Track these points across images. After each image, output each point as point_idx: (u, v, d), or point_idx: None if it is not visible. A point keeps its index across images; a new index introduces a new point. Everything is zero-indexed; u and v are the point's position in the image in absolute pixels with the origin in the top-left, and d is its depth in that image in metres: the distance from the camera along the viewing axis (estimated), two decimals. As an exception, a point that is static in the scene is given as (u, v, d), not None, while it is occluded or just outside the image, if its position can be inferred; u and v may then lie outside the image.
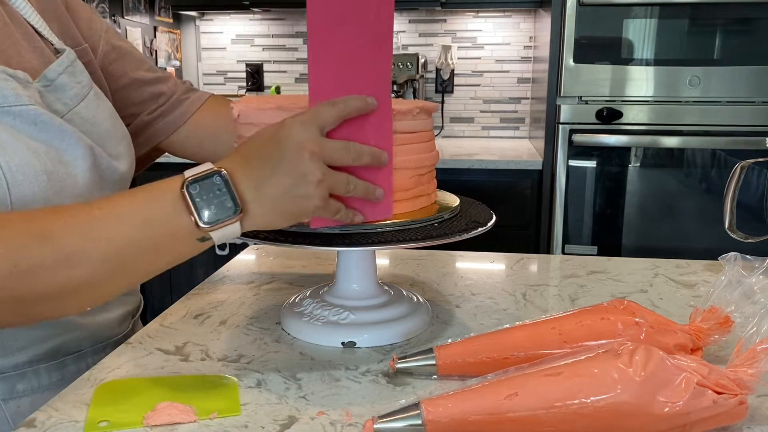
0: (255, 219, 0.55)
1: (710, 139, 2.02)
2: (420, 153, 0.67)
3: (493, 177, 2.16)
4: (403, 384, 0.61)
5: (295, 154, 0.54)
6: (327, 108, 0.57)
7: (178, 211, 0.54)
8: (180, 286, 2.38)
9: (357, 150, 0.58)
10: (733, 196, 0.87)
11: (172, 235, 0.54)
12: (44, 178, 0.61)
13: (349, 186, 0.58)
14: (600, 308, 0.63)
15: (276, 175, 0.54)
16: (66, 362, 0.71)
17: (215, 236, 0.55)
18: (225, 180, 0.54)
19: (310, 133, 0.55)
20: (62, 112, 0.67)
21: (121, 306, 0.79)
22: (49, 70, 0.67)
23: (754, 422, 0.53)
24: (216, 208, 0.54)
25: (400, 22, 2.77)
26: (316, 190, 0.55)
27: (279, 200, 0.55)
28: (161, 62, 2.69)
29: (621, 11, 1.99)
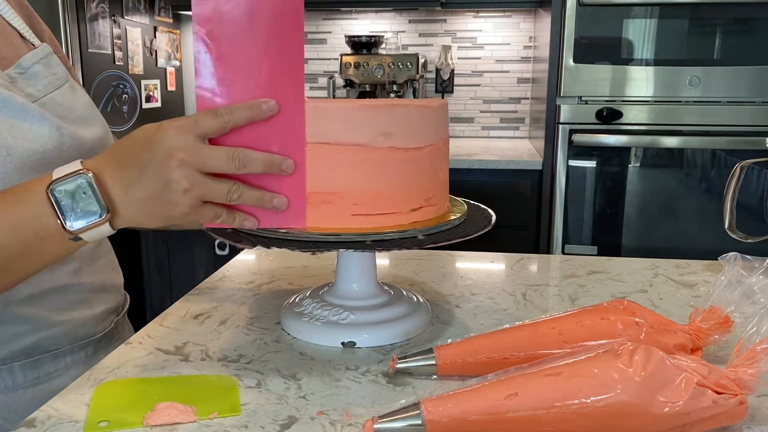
0: (125, 219, 0.56)
1: (710, 139, 2.02)
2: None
3: (493, 177, 2.16)
4: (403, 384, 0.61)
5: (163, 161, 0.53)
6: (209, 117, 0.55)
7: (45, 214, 0.54)
8: (180, 286, 2.38)
9: (244, 158, 0.55)
10: (733, 196, 0.87)
11: (41, 238, 0.55)
12: (3, 153, 0.61)
13: (232, 195, 0.56)
14: (600, 308, 0.63)
15: (143, 179, 0.54)
16: (42, 360, 0.70)
17: (86, 237, 0.55)
18: (90, 183, 0.54)
19: (184, 141, 0.53)
20: (36, 96, 0.68)
21: (101, 303, 0.77)
22: (23, 59, 0.69)
23: (754, 422, 0.53)
24: (82, 212, 0.54)
25: (400, 22, 2.77)
26: (182, 198, 0.54)
27: (146, 203, 0.55)
28: (161, 62, 2.69)
29: (621, 11, 1.99)
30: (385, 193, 0.64)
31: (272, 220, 0.61)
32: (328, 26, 2.81)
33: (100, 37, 2.26)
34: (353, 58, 2.52)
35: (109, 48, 2.32)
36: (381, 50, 2.64)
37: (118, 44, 2.37)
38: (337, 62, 2.65)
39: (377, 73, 2.49)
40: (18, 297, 0.67)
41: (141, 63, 2.53)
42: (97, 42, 2.24)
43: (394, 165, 0.64)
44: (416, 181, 0.66)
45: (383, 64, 2.49)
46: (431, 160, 0.67)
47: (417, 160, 0.65)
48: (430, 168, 0.67)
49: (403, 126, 0.63)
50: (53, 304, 0.70)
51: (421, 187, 0.66)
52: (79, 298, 0.74)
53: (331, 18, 2.80)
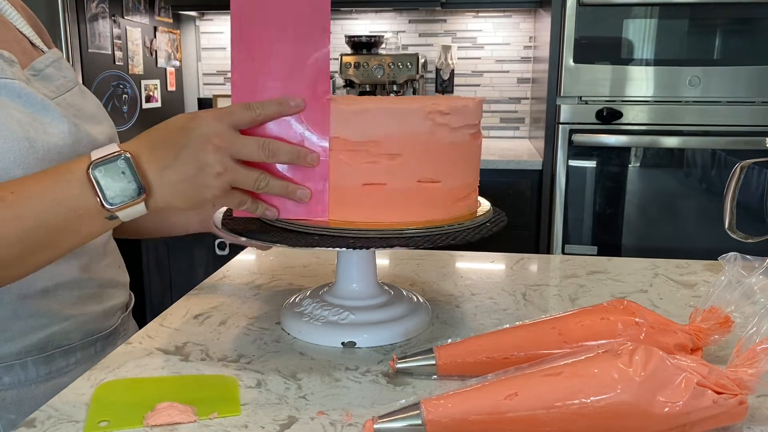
0: (159, 199, 0.59)
1: (710, 139, 2.02)
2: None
3: (493, 177, 2.16)
4: (403, 384, 0.61)
5: (199, 145, 0.57)
6: (242, 109, 0.59)
7: (85, 192, 0.57)
8: (180, 286, 2.38)
9: (273, 147, 0.59)
10: (733, 196, 0.87)
11: (80, 215, 0.57)
12: (26, 145, 0.64)
13: (260, 183, 0.60)
14: (600, 308, 0.63)
15: (179, 162, 0.57)
16: (54, 356, 0.71)
17: (122, 215, 0.58)
18: (129, 163, 0.57)
19: (219, 128, 0.57)
20: (50, 96, 0.71)
21: (109, 299, 0.79)
22: (37, 62, 0.72)
23: (754, 422, 0.53)
24: (121, 190, 0.57)
25: (400, 22, 2.77)
26: (214, 181, 0.57)
27: (180, 185, 0.58)
28: (161, 62, 2.69)
29: (621, 11, 1.99)
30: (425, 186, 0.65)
31: (294, 212, 0.64)
32: (328, 26, 2.80)
33: (100, 37, 2.26)
34: (353, 58, 2.52)
35: (109, 48, 2.32)
36: (381, 50, 2.64)
37: (118, 44, 2.37)
38: (337, 62, 2.65)
39: (377, 73, 2.49)
40: (33, 290, 0.69)
41: (141, 63, 2.53)
42: (97, 42, 2.24)
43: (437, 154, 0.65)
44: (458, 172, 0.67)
45: (383, 64, 2.49)
46: (467, 152, 0.68)
47: (456, 149, 0.66)
48: (466, 161, 0.69)
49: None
50: (65, 298, 0.72)
51: (462, 180, 0.68)
52: (90, 293, 0.75)
53: (331, 18, 2.79)
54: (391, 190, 0.64)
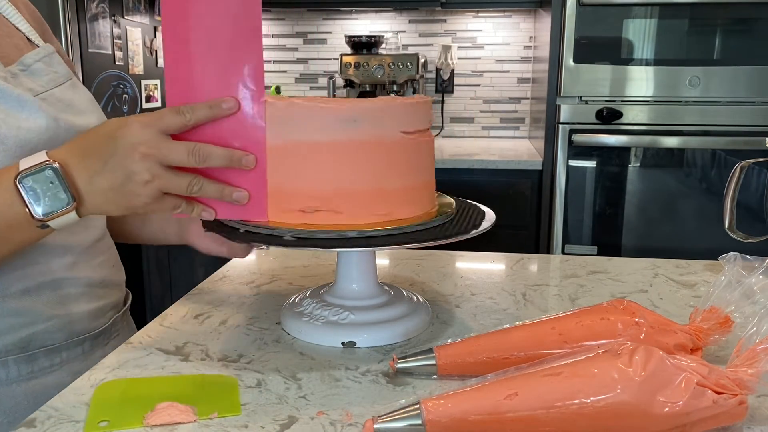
0: (90, 207, 0.59)
1: (710, 139, 2.02)
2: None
3: (493, 177, 2.16)
4: (403, 384, 0.61)
5: (126, 153, 0.56)
6: (172, 114, 0.58)
7: (14, 202, 0.57)
8: (180, 286, 2.38)
9: (204, 152, 0.58)
10: (733, 196, 0.87)
11: (10, 225, 0.58)
12: None
13: (192, 187, 0.59)
14: (600, 308, 0.63)
15: (107, 170, 0.57)
16: (37, 355, 0.70)
17: (53, 224, 0.58)
18: (57, 173, 0.57)
19: (147, 135, 0.57)
20: (37, 91, 0.70)
21: (98, 299, 0.77)
22: (26, 56, 0.71)
23: (754, 422, 0.53)
24: (50, 200, 0.57)
25: (400, 22, 2.77)
26: (143, 189, 0.57)
27: (109, 193, 0.58)
28: (161, 62, 2.69)
29: (621, 11, 1.99)
30: (360, 190, 0.64)
31: (232, 212, 0.64)
32: (328, 26, 2.81)
33: (101, 37, 2.26)
34: (353, 58, 2.52)
35: (109, 48, 2.32)
36: (381, 50, 2.64)
37: (118, 44, 2.37)
38: (337, 62, 2.65)
39: (377, 73, 2.49)
40: (12, 290, 0.67)
41: (141, 63, 2.53)
42: (98, 42, 2.24)
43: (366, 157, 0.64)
44: (391, 175, 0.65)
45: (383, 64, 2.49)
46: (405, 153, 0.67)
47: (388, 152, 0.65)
48: (406, 162, 0.67)
49: (368, 115, 0.64)
50: (48, 298, 0.71)
51: (398, 183, 0.66)
52: (76, 293, 0.74)
53: (331, 18, 2.80)
54: (333, 188, 0.63)
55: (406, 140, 0.65)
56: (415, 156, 0.67)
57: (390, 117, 0.64)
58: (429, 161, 0.70)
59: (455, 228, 0.66)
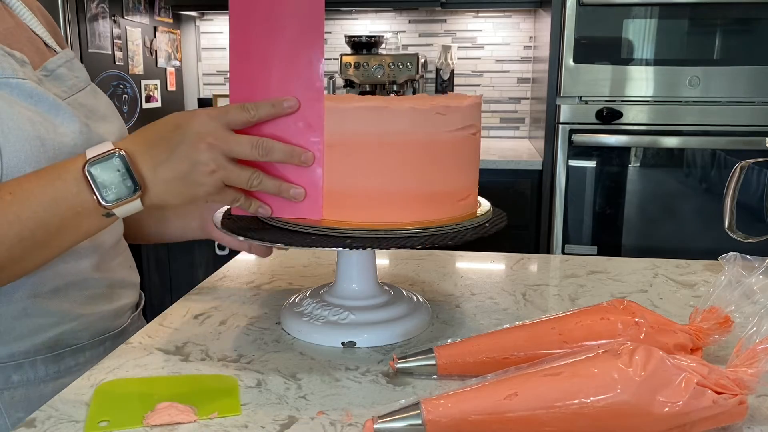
0: (153, 197, 0.59)
1: (710, 139, 2.02)
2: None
3: (493, 177, 2.16)
4: (403, 384, 0.61)
5: (192, 143, 0.57)
6: (237, 110, 0.60)
7: (82, 190, 0.58)
8: (180, 286, 2.38)
9: (267, 146, 0.60)
10: (733, 196, 0.87)
11: (78, 213, 0.58)
12: (38, 143, 0.64)
13: (252, 181, 0.61)
14: (600, 308, 0.63)
15: (172, 160, 0.58)
16: (63, 355, 0.71)
17: (118, 212, 0.59)
18: (124, 161, 0.57)
19: (213, 126, 0.58)
20: (62, 96, 0.71)
21: (119, 298, 0.79)
22: (49, 62, 0.72)
23: (754, 422, 0.53)
24: (117, 188, 0.58)
25: (400, 22, 2.77)
26: (207, 179, 0.58)
27: (173, 182, 0.59)
28: (161, 62, 2.69)
29: (621, 11, 1.99)
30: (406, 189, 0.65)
31: (288, 210, 0.65)
32: (328, 26, 2.81)
33: (100, 37, 2.26)
34: (353, 58, 2.52)
35: (109, 48, 2.32)
36: (381, 50, 2.64)
37: (118, 44, 2.37)
38: (337, 62, 2.65)
39: (377, 73, 2.49)
40: (44, 289, 0.69)
41: (141, 63, 2.53)
42: (97, 42, 2.24)
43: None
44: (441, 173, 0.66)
45: (383, 64, 2.49)
46: (464, 152, 0.68)
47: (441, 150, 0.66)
48: (464, 161, 0.68)
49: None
50: (76, 298, 0.72)
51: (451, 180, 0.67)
52: (100, 293, 0.75)
53: (331, 18, 2.80)
54: (387, 189, 0.64)
55: (457, 139, 0.66)
56: (455, 156, 0.68)
57: (459, 117, 0.66)
58: (465, 161, 0.70)
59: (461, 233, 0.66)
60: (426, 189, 0.65)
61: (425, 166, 0.65)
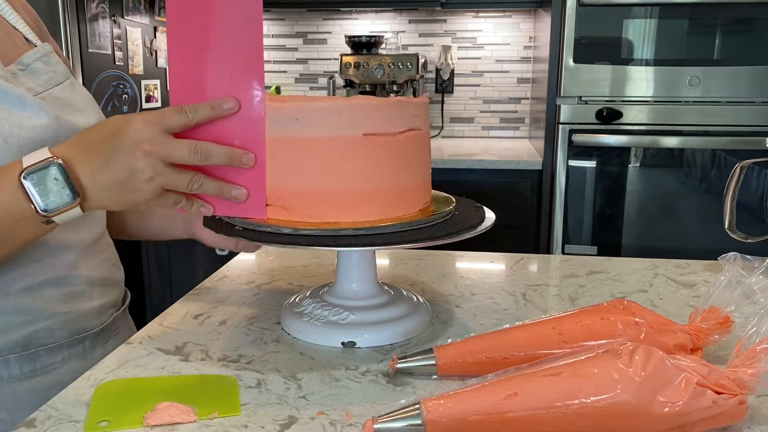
0: (93, 203, 0.59)
1: (710, 139, 2.02)
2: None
3: (493, 177, 2.16)
4: (403, 384, 0.61)
5: (129, 150, 0.57)
6: (174, 113, 0.59)
7: (19, 198, 0.58)
8: (180, 286, 2.38)
9: (206, 150, 0.59)
10: (733, 196, 0.87)
11: (16, 221, 0.58)
12: (0, 141, 0.64)
13: (193, 185, 0.60)
14: (600, 308, 0.63)
15: (110, 167, 0.58)
16: (38, 353, 0.70)
17: (57, 219, 0.59)
18: (61, 169, 0.57)
19: (150, 132, 0.58)
20: (36, 91, 0.70)
21: (99, 297, 0.78)
22: (25, 56, 0.72)
23: (754, 422, 0.53)
24: (55, 197, 0.57)
25: (400, 22, 2.77)
26: (145, 186, 0.58)
27: (112, 189, 0.59)
28: (161, 62, 2.69)
29: (621, 11, 1.99)
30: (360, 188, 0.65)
31: (231, 209, 0.65)
32: (328, 26, 2.81)
33: (100, 37, 2.26)
34: (353, 58, 2.52)
35: (109, 48, 2.32)
36: (381, 50, 2.64)
37: (118, 44, 2.37)
38: (337, 62, 2.65)
39: (377, 73, 2.49)
40: (15, 287, 0.68)
41: (141, 63, 2.53)
42: (97, 42, 2.24)
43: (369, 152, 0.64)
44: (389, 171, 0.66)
45: (383, 64, 2.49)
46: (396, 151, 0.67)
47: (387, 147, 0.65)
48: (402, 158, 0.67)
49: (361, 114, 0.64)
50: (51, 296, 0.71)
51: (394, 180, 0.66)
52: (77, 291, 0.74)
53: (331, 18, 2.80)
54: (329, 189, 0.64)
55: (393, 139, 0.65)
56: (411, 154, 0.67)
57: (383, 116, 0.65)
58: (422, 159, 0.70)
59: (454, 226, 0.66)
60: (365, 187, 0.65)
61: (360, 164, 0.65)
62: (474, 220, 0.69)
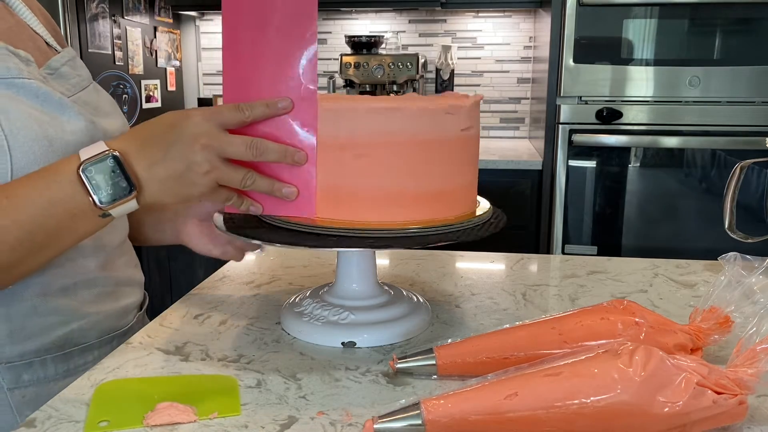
0: (148, 196, 0.60)
1: (710, 139, 2.02)
2: None
3: (493, 177, 2.16)
4: (403, 384, 0.61)
5: (187, 143, 0.58)
6: (231, 110, 0.60)
7: (77, 192, 0.58)
8: (180, 286, 2.38)
9: (261, 147, 0.60)
10: (733, 196, 0.87)
11: (74, 215, 0.59)
12: (45, 143, 0.64)
13: (246, 181, 0.61)
14: (600, 308, 0.63)
15: (167, 160, 0.58)
16: (72, 354, 0.72)
17: (114, 212, 0.60)
18: (118, 161, 0.58)
19: (207, 127, 0.58)
20: (66, 95, 0.71)
21: (125, 297, 0.79)
22: (53, 60, 0.72)
23: (754, 422, 0.53)
24: (112, 189, 0.58)
25: (400, 22, 2.77)
26: (201, 179, 0.59)
27: (168, 182, 0.59)
28: (161, 62, 2.69)
29: (621, 11, 1.99)
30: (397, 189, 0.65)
31: (280, 209, 0.65)
32: (328, 26, 2.81)
33: (100, 37, 2.26)
34: (353, 58, 2.52)
35: (109, 48, 2.32)
36: (381, 50, 2.64)
37: (118, 44, 2.37)
38: (337, 62, 2.65)
39: (377, 73, 2.49)
40: (53, 288, 0.69)
41: (141, 63, 2.53)
42: (97, 42, 2.24)
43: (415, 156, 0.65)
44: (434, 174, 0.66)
45: (383, 64, 2.49)
46: (461, 151, 0.68)
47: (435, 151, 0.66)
48: (461, 160, 0.69)
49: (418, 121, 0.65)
50: (84, 296, 0.72)
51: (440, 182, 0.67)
52: (107, 291, 0.76)
53: (331, 18, 2.80)
54: (381, 188, 0.64)
55: (457, 139, 0.67)
56: (460, 155, 0.69)
57: (458, 117, 0.66)
58: (467, 160, 0.71)
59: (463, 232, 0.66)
60: (426, 188, 0.65)
61: (428, 165, 0.65)
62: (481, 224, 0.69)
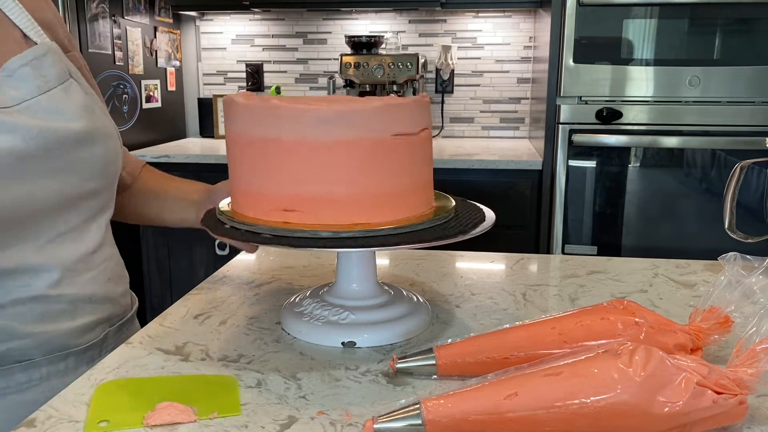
0: None
1: (710, 139, 2.02)
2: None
3: (493, 177, 2.16)
4: (403, 384, 0.61)
5: None
6: None
7: None
8: (180, 286, 2.38)
9: None
10: (733, 196, 0.87)
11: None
12: None
13: None
14: (600, 308, 0.63)
15: None
16: (14, 370, 0.68)
17: None
18: None
19: None
20: (21, 99, 0.65)
21: (85, 315, 0.74)
22: (10, 62, 0.66)
23: (754, 422, 0.53)
24: None
25: (400, 22, 2.77)
26: None
27: None
28: (161, 62, 2.69)
29: (621, 11, 1.99)
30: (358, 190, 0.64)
31: None
32: (328, 26, 2.81)
33: (101, 37, 2.26)
34: (353, 58, 2.52)
35: (109, 48, 2.32)
36: (381, 50, 2.64)
37: (118, 44, 2.37)
38: (337, 62, 2.65)
39: (377, 74, 2.49)
40: None
41: (141, 63, 2.53)
42: (98, 42, 2.24)
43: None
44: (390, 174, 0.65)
45: (383, 64, 2.49)
46: (393, 155, 0.66)
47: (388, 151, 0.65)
48: (395, 163, 0.66)
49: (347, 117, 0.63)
50: (24, 316, 0.68)
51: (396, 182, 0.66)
52: (58, 309, 0.71)
53: (331, 18, 2.80)
54: (311, 190, 0.63)
55: (394, 141, 0.64)
56: (407, 157, 0.66)
57: (378, 119, 0.63)
58: (422, 162, 0.69)
59: (454, 228, 0.66)
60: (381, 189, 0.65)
61: (377, 167, 0.64)
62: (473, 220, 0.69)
